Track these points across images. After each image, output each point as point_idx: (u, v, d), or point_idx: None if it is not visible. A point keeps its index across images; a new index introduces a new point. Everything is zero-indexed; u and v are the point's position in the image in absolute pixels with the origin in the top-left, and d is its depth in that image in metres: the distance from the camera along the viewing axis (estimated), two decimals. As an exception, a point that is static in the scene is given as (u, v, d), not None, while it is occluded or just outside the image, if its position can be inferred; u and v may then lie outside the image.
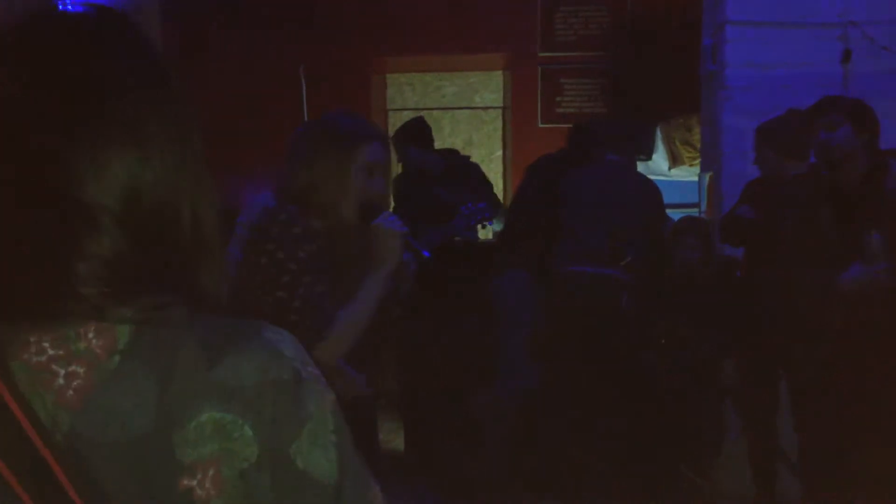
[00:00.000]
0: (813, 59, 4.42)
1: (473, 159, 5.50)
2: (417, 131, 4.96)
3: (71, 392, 0.76)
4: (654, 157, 7.00)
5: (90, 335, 0.76)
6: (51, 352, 0.76)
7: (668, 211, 4.57)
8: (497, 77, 7.95)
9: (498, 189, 7.92)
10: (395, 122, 8.03)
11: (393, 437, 4.74)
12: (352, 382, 2.23)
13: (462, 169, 5.06)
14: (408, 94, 8.19)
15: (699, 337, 4.01)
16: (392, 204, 5.31)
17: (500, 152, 8.09)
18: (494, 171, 7.98)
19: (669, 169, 7.06)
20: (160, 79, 0.84)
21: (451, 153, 5.28)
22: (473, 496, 4.21)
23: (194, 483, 0.76)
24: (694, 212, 5.36)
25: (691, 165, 6.88)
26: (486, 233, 6.48)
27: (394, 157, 3.97)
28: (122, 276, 0.77)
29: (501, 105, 7.96)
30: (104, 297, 0.76)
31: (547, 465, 4.15)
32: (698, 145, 6.20)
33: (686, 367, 4.01)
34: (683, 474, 4.07)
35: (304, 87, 6.09)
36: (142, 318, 0.77)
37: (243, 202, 2.26)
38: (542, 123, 7.37)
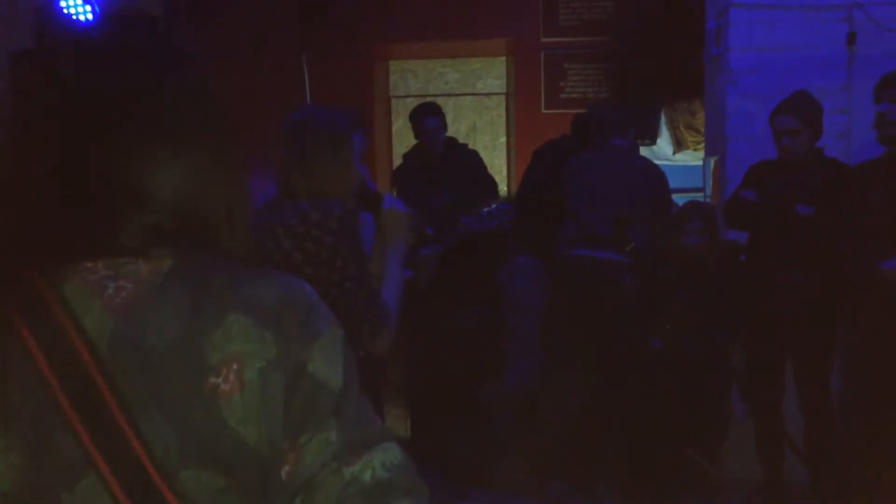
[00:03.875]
0: (818, 42, 4.39)
1: (477, 146, 5.50)
2: (434, 108, 5.05)
3: (117, 301, 0.87)
4: (659, 141, 6.98)
5: (140, 263, 0.89)
6: (104, 272, 0.89)
7: (673, 195, 4.56)
8: (500, 63, 7.92)
9: (502, 175, 7.91)
10: (399, 109, 8.02)
11: (399, 424, 4.74)
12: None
13: (461, 158, 5.08)
14: (411, 80, 8.17)
15: (704, 322, 4.00)
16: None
17: (503, 138, 8.07)
18: (498, 158, 7.96)
19: (674, 153, 7.04)
20: (197, 82, 0.96)
21: (451, 141, 5.28)
22: (480, 482, 4.22)
23: (220, 380, 0.86)
24: (698, 196, 5.34)
25: (696, 150, 6.87)
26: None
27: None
28: (164, 237, 0.90)
29: (505, 91, 7.93)
30: (135, 243, 0.89)
31: (553, 451, 4.16)
32: (702, 129, 6.17)
33: (692, 352, 4.00)
34: (690, 459, 4.07)
35: (307, 75, 6.08)
36: (181, 254, 0.90)
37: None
38: (545, 109, 7.34)
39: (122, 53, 0.94)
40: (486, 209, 4.53)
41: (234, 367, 0.86)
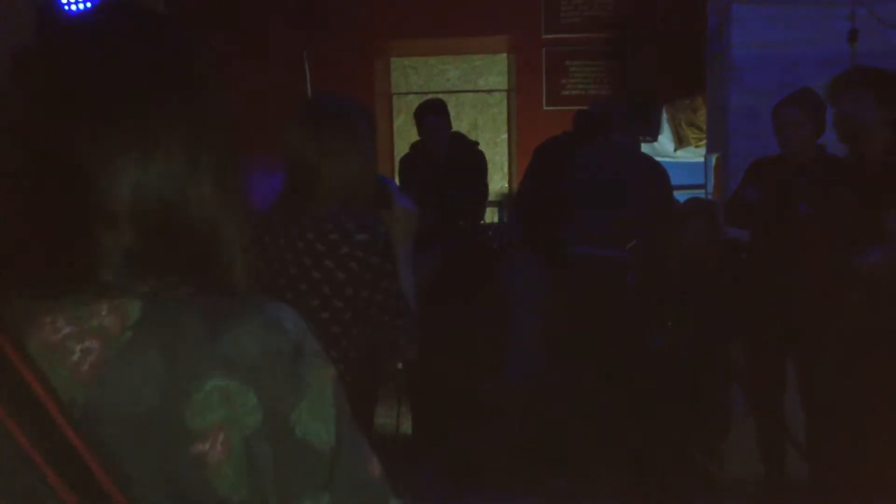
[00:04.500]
0: (820, 39, 4.38)
1: (478, 142, 5.49)
2: (437, 106, 5.01)
3: (86, 367, 0.80)
4: (660, 138, 6.98)
5: (102, 312, 0.81)
6: (66, 329, 0.80)
7: (675, 192, 4.55)
8: (502, 60, 7.92)
9: (503, 172, 7.92)
10: (400, 106, 8.02)
11: (401, 421, 4.74)
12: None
13: (466, 157, 5.07)
14: (412, 77, 8.16)
15: (705, 319, 4.00)
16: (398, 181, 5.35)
17: (505, 135, 8.07)
18: (500, 155, 7.96)
19: (675, 150, 7.04)
20: (176, 81, 0.86)
21: (459, 137, 5.28)
22: (481, 479, 4.22)
23: (206, 447, 0.80)
24: (700, 193, 5.34)
25: (697, 146, 6.86)
26: (491, 215, 6.47)
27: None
28: (134, 261, 0.81)
29: (506, 88, 7.93)
30: (116, 277, 0.81)
31: (555, 448, 4.16)
32: (704, 126, 6.17)
33: (692, 350, 4.00)
34: (691, 457, 4.07)
35: (308, 72, 6.07)
36: (149, 294, 0.81)
37: (249, 190, 2.25)
38: (547, 106, 7.34)
39: (102, 47, 0.85)
40: (490, 227, 4.55)
41: (220, 436, 0.80)
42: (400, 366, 2.23)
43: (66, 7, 3.96)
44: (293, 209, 2.22)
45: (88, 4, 4.01)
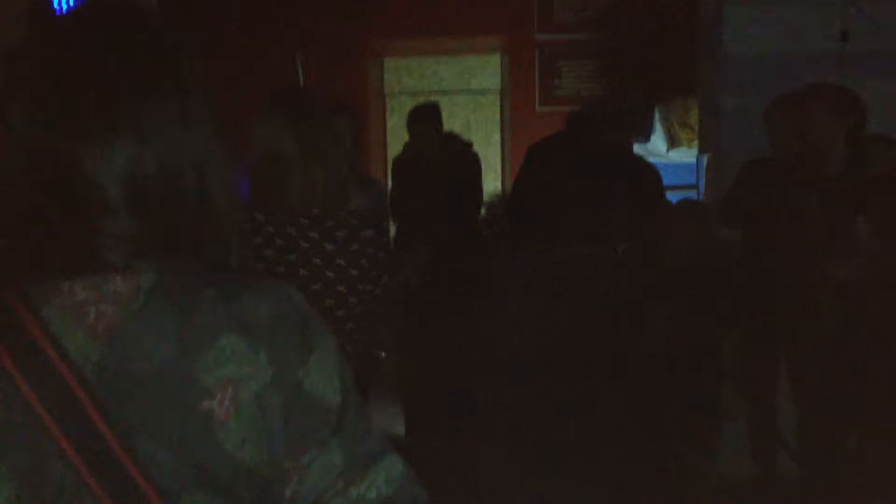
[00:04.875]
0: (811, 39, 4.40)
1: (472, 142, 5.49)
2: (426, 113, 5.03)
3: (101, 327, 0.83)
4: (653, 138, 6.99)
5: (118, 280, 0.84)
6: (82, 294, 0.84)
7: (667, 193, 4.56)
8: (495, 60, 7.92)
9: (496, 172, 7.92)
10: (393, 106, 8.02)
11: (393, 423, 4.74)
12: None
13: (460, 157, 5.07)
14: (405, 78, 8.16)
15: (698, 319, 4.01)
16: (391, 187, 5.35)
17: (498, 136, 8.07)
18: (493, 155, 7.96)
19: (668, 150, 7.05)
20: (164, 71, 0.89)
21: (453, 138, 5.28)
22: (474, 482, 4.22)
23: (213, 404, 0.83)
24: (692, 194, 5.35)
25: (689, 147, 6.87)
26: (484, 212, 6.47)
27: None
28: (134, 245, 0.85)
29: (499, 88, 7.93)
30: (118, 258, 0.84)
31: (549, 450, 4.16)
32: (696, 126, 6.18)
33: (685, 349, 4.01)
34: (684, 455, 4.07)
35: (301, 74, 6.06)
36: (161, 265, 0.86)
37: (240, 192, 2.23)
38: (540, 106, 7.34)
39: (94, 41, 0.87)
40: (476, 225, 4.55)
41: (229, 391, 0.84)
42: (382, 355, 2.23)
43: (57, 4, 3.94)
44: (280, 208, 2.18)
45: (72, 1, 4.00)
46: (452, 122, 7.71)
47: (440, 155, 5.02)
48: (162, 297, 0.85)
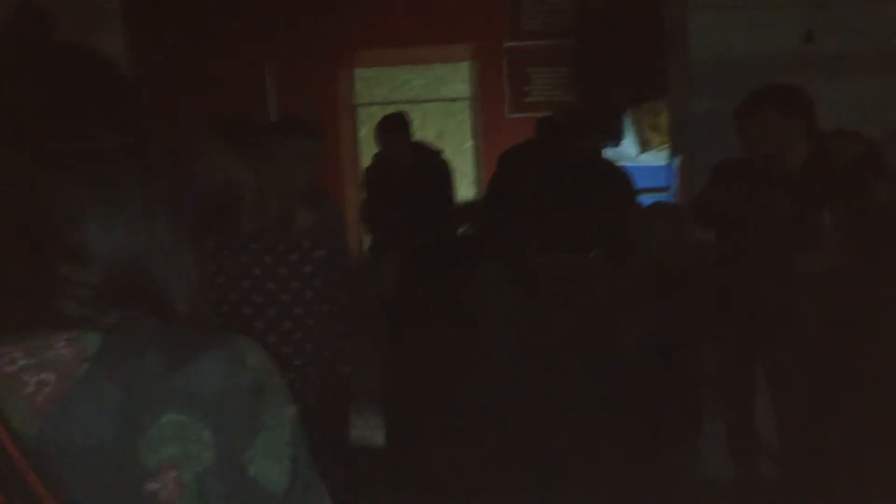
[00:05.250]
0: (777, 41, 4.44)
1: (443, 150, 5.50)
2: (395, 123, 5.01)
3: (41, 398, 0.78)
4: (623, 142, 7.03)
5: (60, 345, 0.79)
6: (21, 362, 0.79)
7: (639, 196, 4.58)
8: (464, 68, 7.94)
9: (470, 180, 7.93)
10: (364, 117, 8.01)
11: (374, 434, 4.72)
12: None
13: (429, 165, 5.08)
14: (375, 88, 8.17)
15: (674, 322, 4.02)
16: (364, 194, 5.35)
17: (469, 143, 8.09)
18: (465, 163, 7.97)
19: (639, 154, 7.08)
20: (133, 132, 0.87)
21: (422, 146, 5.28)
22: (457, 493, 4.21)
23: (158, 486, 0.79)
24: (664, 196, 5.38)
25: (661, 150, 6.91)
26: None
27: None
28: (97, 297, 0.81)
29: (469, 96, 7.95)
30: (78, 310, 0.80)
31: (530, 459, 4.16)
32: (667, 129, 6.22)
33: (663, 352, 4.02)
34: (664, 457, 4.08)
35: (270, 90, 6.04)
36: (110, 326, 0.80)
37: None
38: (510, 113, 7.37)
39: (50, 91, 0.85)
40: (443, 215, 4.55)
41: (172, 473, 0.79)
42: (349, 369, 2.21)
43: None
44: (231, 234, 2.17)
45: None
46: (424, 130, 7.72)
47: (410, 163, 5.02)
48: (105, 367, 0.80)
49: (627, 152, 6.97)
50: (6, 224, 0.80)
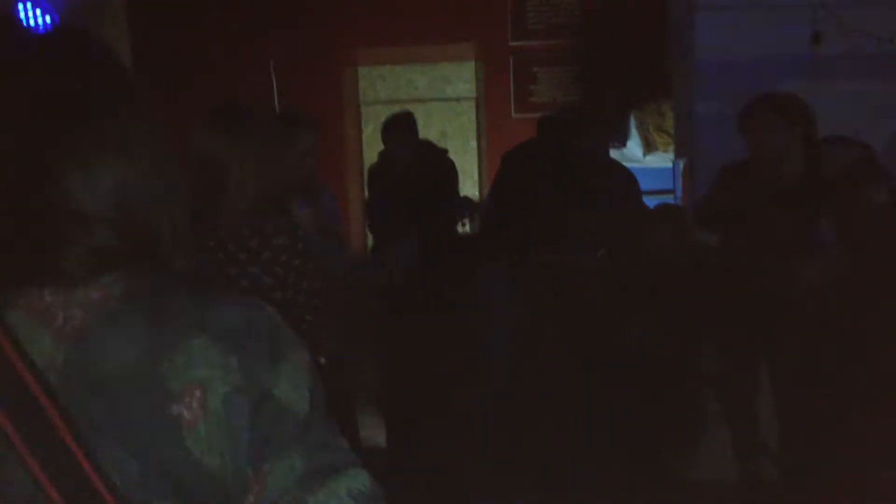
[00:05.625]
0: (783, 43, 4.42)
1: (448, 150, 5.48)
2: (402, 122, 5.02)
3: (68, 328, 0.83)
4: (629, 143, 7.01)
5: (88, 288, 0.84)
6: (50, 298, 0.84)
7: (644, 198, 4.56)
8: (469, 67, 7.92)
9: (473, 180, 7.91)
10: (368, 115, 8.00)
11: (375, 433, 4.71)
12: None
13: (434, 164, 5.06)
14: (380, 87, 8.15)
15: (676, 324, 4.01)
16: (367, 193, 5.33)
17: (474, 143, 8.07)
18: (469, 163, 7.96)
19: (644, 155, 7.06)
20: (131, 93, 0.92)
21: (427, 146, 5.26)
22: (457, 492, 4.20)
23: (182, 408, 0.82)
24: (669, 198, 5.36)
25: (665, 152, 6.89)
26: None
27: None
28: (100, 257, 0.85)
29: (474, 95, 7.93)
30: (80, 270, 0.84)
31: (530, 459, 4.15)
32: (672, 131, 6.19)
33: (664, 354, 4.01)
34: (665, 461, 4.07)
35: (275, 83, 6.03)
36: (130, 277, 0.86)
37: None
38: (515, 113, 7.34)
39: (55, 66, 0.88)
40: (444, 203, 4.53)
41: (198, 393, 0.83)
42: (323, 361, 2.20)
43: (26, 21, 3.91)
44: (203, 220, 2.19)
45: (47, 18, 3.96)
46: (428, 129, 7.70)
47: (415, 163, 5.00)
48: (133, 302, 0.84)
49: (633, 153, 6.95)
50: (4, 185, 0.83)
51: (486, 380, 4.42)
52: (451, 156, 5.37)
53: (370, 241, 5.90)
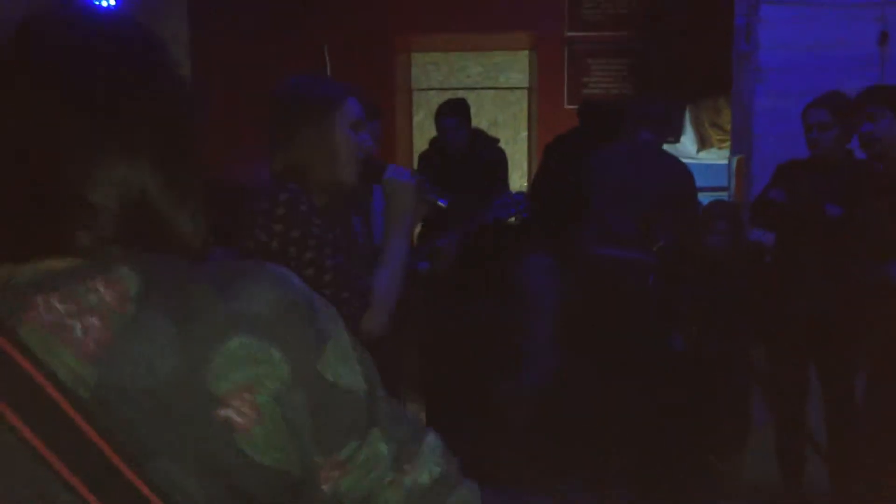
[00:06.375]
0: (849, 41, 4.32)
1: (499, 139, 5.45)
2: (456, 108, 4.98)
3: (92, 344, 0.76)
4: (683, 139, 6.91)
5: (99, 288, 0.77)
6: (60, 307, 0.77)
7: (699, 194, 4.49)
8: (523, 57, 7.87)
9: (523, 170, 7.87)
10: (420, 101, 7.99)
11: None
12: None
13: (487, 154, 5.03)
14: (432, 73, 8.13)
15: (727, 323, 3.95)
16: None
17: (525, 133, 8.03)
18: (519, 153, 7.92)
19: (698, 151, 6.97)
20: (156, 80, 0.86)
21: (479, 134, 5.24)
22: (495, 481, 4.18)
23: (230, 412, 0.77)
24: (723, 195, 5.27)
25: (720, 148, 6.79)
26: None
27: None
28: (110, 225, 0.80)
29: (527, 85, 7.88)
30: (91, 240, 0.79)
31: (570, 451, 4.12)
32: (727, 127, 6.09)
33: (713, 354, 3.95)
34: (710, 463, 4.01)
35: (329, 67, 6.04)
36: (146, 265, 0.79)
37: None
38: (568, 104, 7.28)
39: (78, 46, 0.84)
40: (498, 199, 4.48)
41: (246, 396, 0.78)
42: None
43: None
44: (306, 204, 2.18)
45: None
46: (479, 118, 7.67)
47: (467, 151, 4.98)
48: (153, 304, 0.78)
49: (686, 149, 6.86)
50: (20, 156, 0.79)
51: (527, 369, 4.39)
52: (502, 146, 5.34)
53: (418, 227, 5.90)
